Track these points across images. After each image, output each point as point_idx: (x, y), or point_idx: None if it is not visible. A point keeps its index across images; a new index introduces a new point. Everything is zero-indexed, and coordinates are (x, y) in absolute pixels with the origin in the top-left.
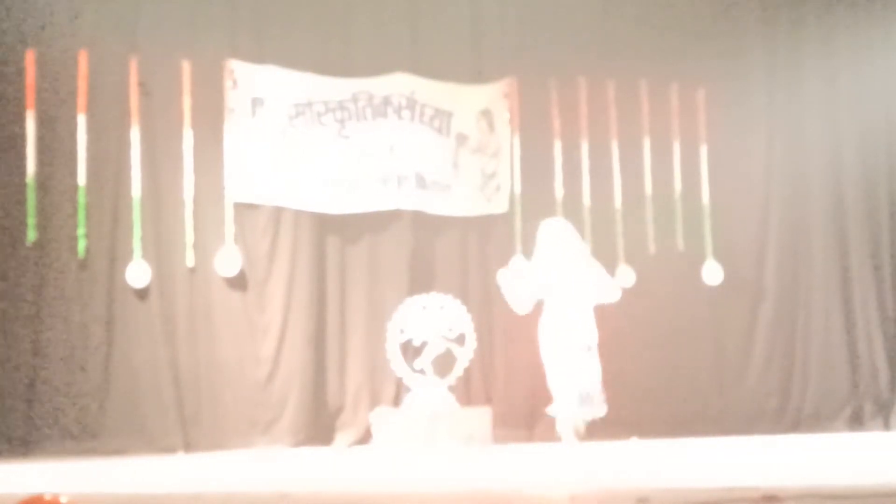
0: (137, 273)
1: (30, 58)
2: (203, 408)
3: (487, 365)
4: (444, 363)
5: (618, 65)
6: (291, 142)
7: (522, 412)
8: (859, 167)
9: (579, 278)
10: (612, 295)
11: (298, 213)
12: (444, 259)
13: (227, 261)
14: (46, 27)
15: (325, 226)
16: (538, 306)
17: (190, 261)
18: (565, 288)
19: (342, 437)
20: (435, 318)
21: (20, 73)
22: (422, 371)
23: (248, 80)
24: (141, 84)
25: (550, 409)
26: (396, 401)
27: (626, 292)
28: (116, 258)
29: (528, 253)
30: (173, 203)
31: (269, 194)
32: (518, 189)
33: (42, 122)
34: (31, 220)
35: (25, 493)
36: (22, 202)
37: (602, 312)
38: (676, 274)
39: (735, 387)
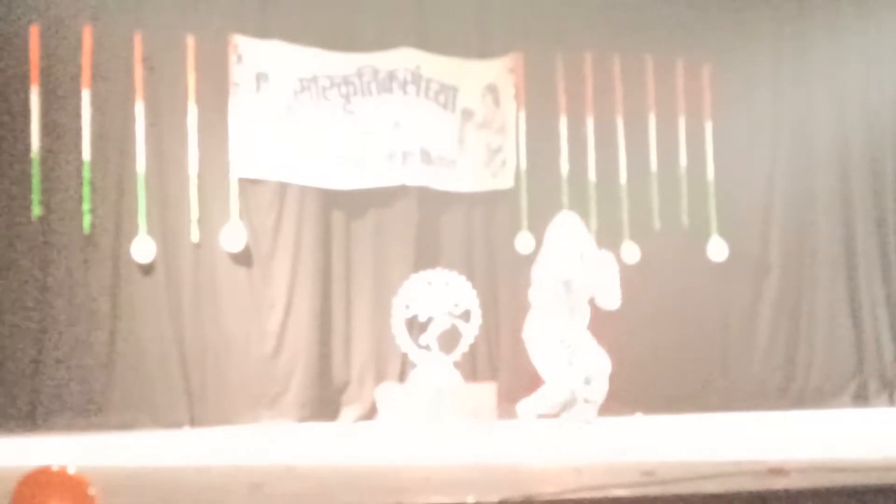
0: (142, 248)
1: (34, 32)
2: (209, 382)
3: (493, 341)
4: (449, 339)
5: (624, 40)
6: (296, 117)
7: (527, 388)
8: (866, 143)
9: (579, 278)
10: (612, 302)
11: (304, 189)
12: (449, 235)
13: (233, 236)
14: (51, 2)
15: (331, 201)
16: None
17: (195, 236)
18: (561, 294)
19: (347, 413)
20: (440, 294)
21: (25, 47)
22: (427, 347)
23: (252, 54)
24: (145, 59)
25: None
26: (402, 376)
27: (631, 269)
28: (121, 233)
29: (532, 229)
30: (178, 178)
31: (274, 170)
32: (524, 165)
33: (46, 98)
34: (36, 196)
35: (32, 466)
36: (27, 177)
37: None
38: (681, 250)
39: (740, 363)
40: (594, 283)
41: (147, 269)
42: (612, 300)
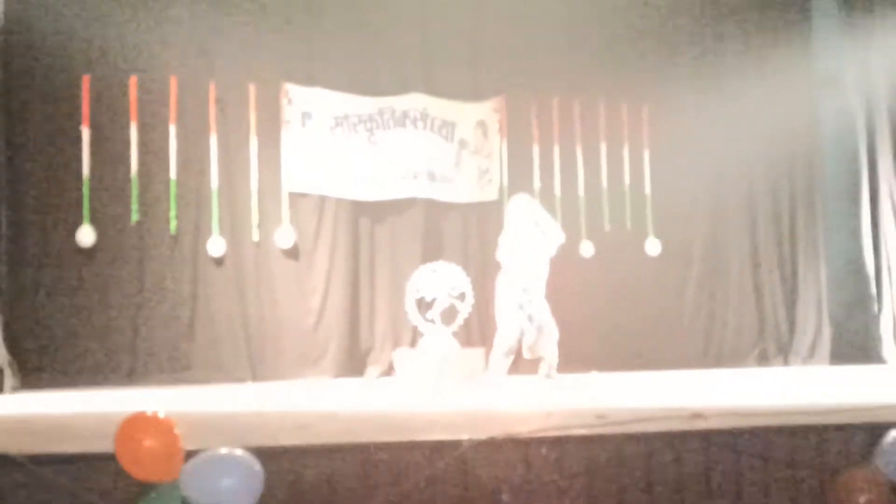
0: (216, 246)
1: (133, 82)
2: (266, 348)
3: (483, 316)
4: (449, 315)
5: (582, 88)
6: (332, 146)
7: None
8: (766, 166)
9: (533, 245)
10: (557, 239)
11: (338, 201)
12: (449, 235)
13: (284, 236)
14: (145, 58)
15: (359, 210)
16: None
17: (255, 236)
18: (522, 254)
19: (372, 371)
20: (442, 280)
21: (125, 93)
22: (432, 321)
23: (299, 98)
24: (218, 102)
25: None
26: (413, 343)
27: (586, 261)
28: (199, 234)
29: None
30: (243, 192)
31: (315, 186)
32: (506, 182)
33: (142, 131)
34: (135, 206)
35: (131, 412)
36: (127, 192)
37: (570, 276)
38: (626, 247)
39: (670, 332)
40: (547, 237)
41: (219, 262)
42: (557, 239)
